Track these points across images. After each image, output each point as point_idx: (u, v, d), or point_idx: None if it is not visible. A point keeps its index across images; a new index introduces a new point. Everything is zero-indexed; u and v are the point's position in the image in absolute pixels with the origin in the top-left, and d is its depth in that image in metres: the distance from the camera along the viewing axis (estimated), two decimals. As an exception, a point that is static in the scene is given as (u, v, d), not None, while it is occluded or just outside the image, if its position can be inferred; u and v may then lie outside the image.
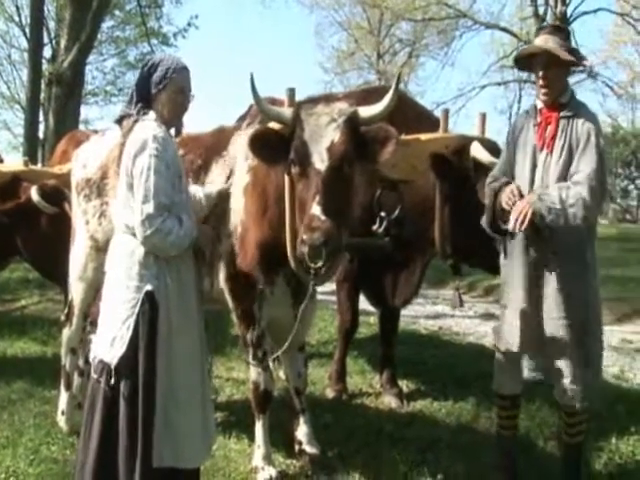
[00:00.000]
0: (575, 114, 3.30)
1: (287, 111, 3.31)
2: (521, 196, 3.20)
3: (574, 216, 3.08)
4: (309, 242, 2.83)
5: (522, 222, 3.06)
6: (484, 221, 3.46)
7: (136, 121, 2.94)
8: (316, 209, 2.88)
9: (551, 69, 3.30)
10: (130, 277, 2.86)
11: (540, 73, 3.31)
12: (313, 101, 3.25)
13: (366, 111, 3.21)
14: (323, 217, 2.86)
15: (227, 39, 69.61)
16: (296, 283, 3.63)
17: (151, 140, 2.82)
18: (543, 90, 3.32)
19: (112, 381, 2.79)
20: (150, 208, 2.77)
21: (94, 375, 2.89)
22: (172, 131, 3.08)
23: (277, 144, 3.19)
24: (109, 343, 2.85)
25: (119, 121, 3.03)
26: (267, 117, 3.45)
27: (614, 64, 31.55)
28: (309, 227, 2.86)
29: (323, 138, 3.03)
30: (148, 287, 2.83)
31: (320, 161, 2.99)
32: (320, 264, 2.87)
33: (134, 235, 2.86)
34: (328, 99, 3.27)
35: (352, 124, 3.11)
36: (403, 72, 32.71)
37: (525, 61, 3.48)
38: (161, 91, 2.94)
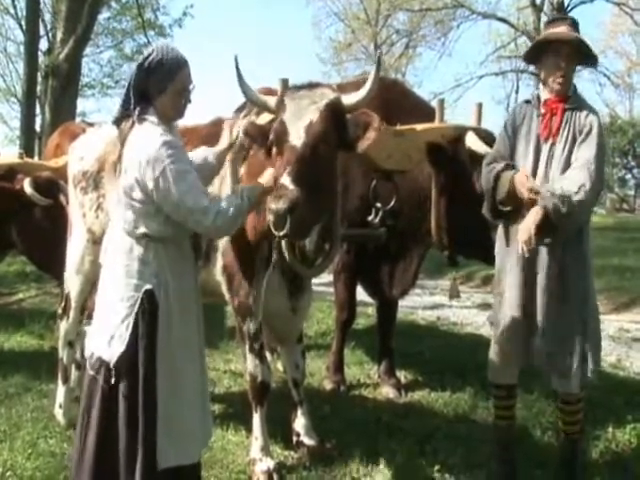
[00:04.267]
0: (578, 107, 3.31)
1: (273, 99, 3.28)
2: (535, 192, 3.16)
3: (579, 203, 3.09)
4: (273, 209, 2.79)
5: (529, 242, 3.08)
6: (485, 207, 3.45)
7: (135, 124, 2.80)
8: (285, 179, 2.85)
9: (573, 60, 3.32)
10: (129, 274, 2.80)
11: (563, 64, 3.28)
12: (298, 88, 3.24)
13: (349, 98, 3.18)
14: (291, 186, 2.82)
15: (224, 29, 69.45)
16: (292, 274, 3.62)
17: (165, 149, 2.70)
18: (560, 80, 3.30)
19: (112, 380, 2.74)
20: (203, 201, 2.72)
21: (91, 372, 2.82)
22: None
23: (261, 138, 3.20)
24: (107, 341, 2.79)
25: (117, 122, 2.88)
26: (253, 104, 3.44)
27: (611, 54, 31.69)
28: (276, 195, 2.82)
29: (302, 117, 3.01)
30: (147, 285, 2.78)
31: (297, 138, 2.98)
32: (283, 233, 2.82)
33: (131, 233, 2.80)
34: (312, 85, 3.25)
35: (333, 108, 3.08)
36: (400, 63, 32.73)
37: (535, 51, 3.44)
38: (162, 92, 2.80)
